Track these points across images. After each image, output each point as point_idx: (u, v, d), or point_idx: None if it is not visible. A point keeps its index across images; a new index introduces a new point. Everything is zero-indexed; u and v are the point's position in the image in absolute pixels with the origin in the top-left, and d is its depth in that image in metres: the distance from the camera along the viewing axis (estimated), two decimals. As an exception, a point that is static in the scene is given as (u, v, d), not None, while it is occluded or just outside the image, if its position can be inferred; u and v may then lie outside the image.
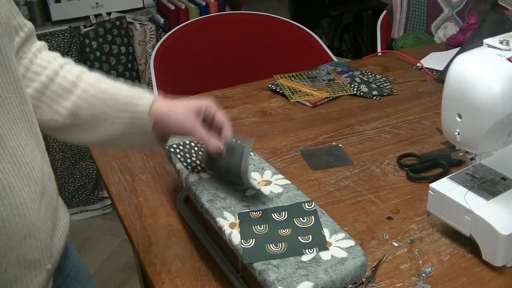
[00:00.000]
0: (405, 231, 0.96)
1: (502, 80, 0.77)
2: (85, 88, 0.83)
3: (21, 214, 0.68)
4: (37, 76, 0.82)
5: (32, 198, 0.69)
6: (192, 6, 2.48)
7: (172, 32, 1.88)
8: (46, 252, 0.73)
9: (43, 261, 0.73)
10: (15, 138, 0.68)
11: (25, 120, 0.71)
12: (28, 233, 0.69)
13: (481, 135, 0.80)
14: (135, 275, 2.05)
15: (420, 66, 1.57)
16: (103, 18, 2.38)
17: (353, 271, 0.73)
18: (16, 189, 0.67)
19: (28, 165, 0.69)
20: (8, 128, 0.67)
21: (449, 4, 2.13)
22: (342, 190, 1.07)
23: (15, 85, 0.69)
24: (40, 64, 0.83)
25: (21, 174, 0.68)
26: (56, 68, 0.83)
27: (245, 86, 1.51)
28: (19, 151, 0.68)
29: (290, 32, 1.98)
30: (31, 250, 0.70)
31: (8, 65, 0.67)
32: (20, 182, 0.68)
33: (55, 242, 0.77)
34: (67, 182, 2.39)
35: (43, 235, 0.72)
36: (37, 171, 0.71)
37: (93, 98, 0.82)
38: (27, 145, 0.70)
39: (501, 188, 0.89)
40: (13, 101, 0.68)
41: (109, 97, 0.83)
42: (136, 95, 0.84)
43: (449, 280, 0.85)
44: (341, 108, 1.38)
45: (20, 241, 0.68)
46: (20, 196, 0.67)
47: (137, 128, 0.83)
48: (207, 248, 0.91)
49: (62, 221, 0.81)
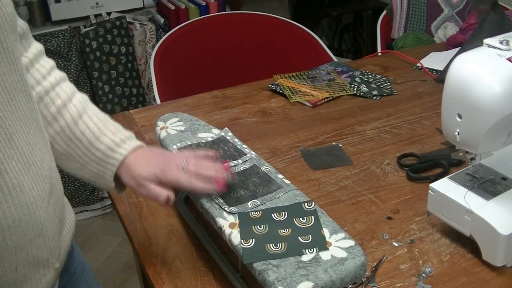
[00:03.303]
0: (405, 231, 0.96)
1: (502, 80, 0.77)
2: (63, 126, 0.82)
3: (31, 213, 0.68)
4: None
5: (41, 197, 0.69)
6: (192, 6, 2.48)
7: (172, 32, 1.88)
8: (54, 250, 0.74)
9: (51, 260, 0.73)
10: (24, 137, 0.68)
11: (33, 119, 0.71)
12: (37, 232, 0.69)
13: (481, 135, 0.80)
14: (135, 275, 2.05)
15: (420, 66, 1.57)
16: (103, 18, 2.38)
17: (353, 271, 0.73)
18: (26, 188, 0.67)
19: (37, 163, 0.69)
20: (17, 126, 0.67)
21: (449, 4, 2.13)
22: (342, 190, 1.07)
23: (21, 83, 0.68)
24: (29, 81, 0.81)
25: (31, 173, 0.68)
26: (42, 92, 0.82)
27: (245, 86, 1.51)
28: (28, 150, 0.68)
29: (290, 32, 1.98)
30: (40, 249, 0.71)
31: (15, 63, 0.67)
32: (29, 181, 0.68)
33: (62, 241, 0.77)
34: (67, 182, 2.39)
35: (51, 234, 0.72)
36: (45, 170, 0.71)
37: (69, 140, 0.83)
38: (36, 144, 0.70)
39: (501, 188, 0.89)
40: (21, 100, 0.68)
41: (83, 144, 0.83)
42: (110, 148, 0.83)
43: (449, 280, 0.85)
44: (341, 108, 1.38)
45: (30, 240, 0.68)
46: (30, 195, 0.67)
47: (101, 183, 0.85)
48: (207, 248, 0.91)
49: (69, 220, 0.82)
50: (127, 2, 2.46)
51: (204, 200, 0.86)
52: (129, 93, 2.46)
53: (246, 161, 0.94)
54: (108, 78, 2.36)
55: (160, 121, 1.05)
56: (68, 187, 2.40)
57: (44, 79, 0.83)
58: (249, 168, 0.92)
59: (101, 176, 0.84)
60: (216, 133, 1.02)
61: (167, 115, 1.07)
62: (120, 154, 0.83)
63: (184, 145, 0.97)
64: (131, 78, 2.44)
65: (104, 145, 0.83)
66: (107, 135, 0.84)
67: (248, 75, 1.70)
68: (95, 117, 0.85)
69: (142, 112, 1.37)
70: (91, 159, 0.83)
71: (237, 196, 0.87)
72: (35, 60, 0.83)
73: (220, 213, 0.83)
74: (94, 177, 0.85)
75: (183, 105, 1.40)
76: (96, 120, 0.84)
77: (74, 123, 0.83)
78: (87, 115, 0.84)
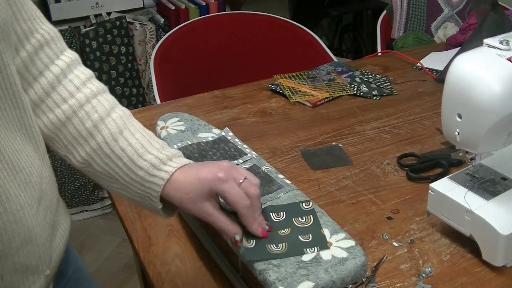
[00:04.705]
0: (405, 231, 0.96)
1: (502, 80, 0.77)
2: (100, 143, 0.75)
3: (18, 220, 0.66)
4: (56, 108, 0.76)
5: (29, 204, 0.68)
6: (192, 6, 2.48)
7: (172, 32, 1.88)
8: (45, 257, 0.72)
9: (41, 267, 0.71)
10: (10, 144, 0.66)
11: (21, 125, 0.69)
12: (25, 240, 0.67)
13: (481, 135, 0.80)
14: (135, 275, 2.05)
15: (420, 66, 1.57)
16: (103, 18, 2.39)
17: (354, 271, 0.73)
18: (12, 195, 0.65)
19: (25, 170, 0.68)
20: (2, 134, 0.65)
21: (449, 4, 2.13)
22: (342, 190, 1.07)
23: (10, 91, 0.66)
24: (62, 93, 0.75)
25: (18, 180, 0.67)
26: (75, 105, 0.75)
27: (245, 86, 1.51)
28: (15, 157, 0.67)
29: (290, 32, 1.98)
30: (29, 256, 0.69)
31: (4, 71, 0.65)
32: (16, 188, 0.66)
33: (55, 247, 0.75)
34: (67, 182, 2.39)
35: (41, 241, 0.70)
36: (35, 176, 0.69)
37: (107, 158, 0.75)
38: (23, 150, 0.69)
39: (501, 188, 0.89)
40: (7, 107, 0.66)
41: (124, 163, 0.75)
42: (155, 165, 0.74)
43: (449, 280, 0.85)
44: (341, 108, 1.38)
45: (17, 248, 0.67)
46: (16, 202, 0.66)
47: (147, 204, 0.76)
48: (207, 248, 0.91)
49: (63, 225, 0.79)
50: (127, 2, 2.47)
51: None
52: (129, 93, 2.46)
53: (247, 161, 0.94)
54: (108, 78, 2.36)
55: (160, 120, 1.05)
56: (68, 187, 2.40)
57: (79, 91, 0.76)
58: (250, 168, 0.92)
59: (146, 197, 0.75)
60: (217, 133, 1.02)
61: (167, 115, 1.07)
62: (166, 172, 0.74)
63: (184, 144, 0.97)
64: (131, 78, 2.45)
65: (147, 163, 0.74)
66: (152, 152, 0.75)
67: (248, 75, 1.70)
68: (138, 133, 0.77)
69: (142, 112, 1.37)
70: (133, 179, 0.75)
71: None
72: (68, 70, 0.77)
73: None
74: (140, 198, 0.76)
75: (183, 105, 1.40)
76: (139, 137, 0.76)
77: (114, 139, 0.75)
78: (128, 131, 0.76)
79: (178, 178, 0.74)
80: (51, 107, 0.76)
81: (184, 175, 0.74)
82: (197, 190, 0.73)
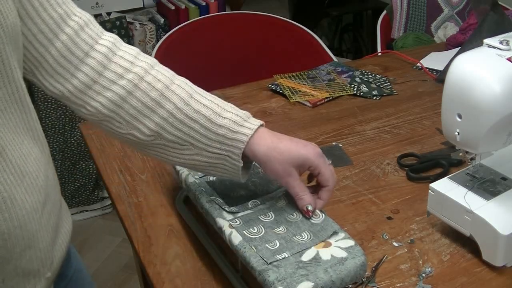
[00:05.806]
0: (405, 231, 0.96)
1: (502, 80, 0.77)
2: (171, 110, 0.74)
3: (22, 225, 0.66)
4: (112, 85, 0.74)
5: (34, 208, 0.67)
6: (192, 6, 2.48)
7: (172, 32, 1.88)
8: (46, 261, 0.72)
9: (42, 270, 0.71)
10: (17, 148, 0.66)
11: (28, 129, 0.69)
12: (28, 244, 0.67)
13: (481, 135, 0.80)
14: (135, 275, 2.05)
15: (420, 66, 1.57)
16: (103, 18, 2.39)
17: (353, 271, 0.73)
18: (18, 201, 0.65)
19: (31, 174, 0.68)
20: (9, 138, 0.65)
21: (449, 4, 2.13)
22: (342, 190, 1.07)
23: (17, 95, 0.66)
24: (116, 70, 0.74)
25: (24, 184, 0.66)
26: (135, 79, 0.74)
27: (245, 86, 1.51)
28: (21, 161, 0.66)
29: (290, 32, 1.98)
30: (31, 260, 0.68)
31: (10, 75, 0.65)
32: (23, 193, 0.66)
33: (57, 250, 0.75)
34: (67, 182, 2.39)
35: (44, 244, 0.70)
36: (41, 180, 0.69)
37: (180, 123, 0.74)
38: (30, 154, 0.68)
39: (501, 188, 0.89)
40: (14, 111, 0.66)
41: (200, 124, 0.74)
42: (236, 122, 0.75)
43: (449, 280, 0.85)
44: (341, 108, 1.38)
45: (20, 253, 0.66)
46: (22, 207, 0.65)
47: (222, 166, 0.76)
48: (207, 248, 0.91)
49: (65, 228, 0.79)
50: (127, 2, 2.47)
51: (204, 200, 0.86)
52: (129, 93, 2.46)
53: None
54: (108, 78, 2.36)
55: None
56: (68, 187, 2.40)
57: (133, 65, 0.76)
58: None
59: (225, 157, 0.75)
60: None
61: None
62: (249, 128, 0.75)
63: None
64: (131, 78, 2.44)
65: (228, 120, 0.74)
66: (230, 110, 0.76)
67: (248, 75, 1.70)
68: (207, 95, 0.76)
69: (142, 112, 1.37)
70: (211, 139, 0.74)
71: (237, 196, 0.87)
72: (115, 48, 0.77)
73: (220, 213, 0.83)
74: (216, 160, 0.75)
75: (183, 105, 1.40)
76: (211, 98, 0.76)
77: (186, 103, 0.74)
78: (198, 94, 0.76)
79: (263, 135, 0.76)
80: (107, 86, 0.74)
81: (271, 135, 0.76)
82: (292, 154, 0.75)
